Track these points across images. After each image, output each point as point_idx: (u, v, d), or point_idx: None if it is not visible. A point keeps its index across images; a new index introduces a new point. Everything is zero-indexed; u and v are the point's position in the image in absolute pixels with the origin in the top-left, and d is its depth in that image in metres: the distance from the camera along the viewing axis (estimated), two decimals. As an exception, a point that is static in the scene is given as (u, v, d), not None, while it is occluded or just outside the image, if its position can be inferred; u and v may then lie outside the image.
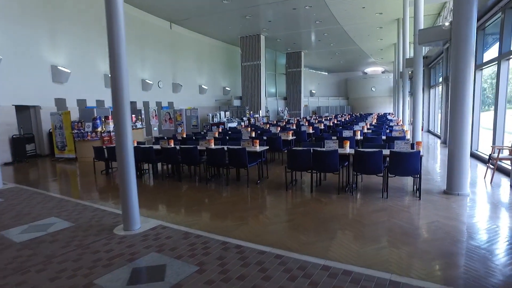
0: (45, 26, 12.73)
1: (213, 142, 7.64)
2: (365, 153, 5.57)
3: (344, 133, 8.57)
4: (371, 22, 20.80)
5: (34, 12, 12.36)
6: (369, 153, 5.53)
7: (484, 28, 9.78)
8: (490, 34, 9.87)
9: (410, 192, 5.88)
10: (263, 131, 11.27)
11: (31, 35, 12.22)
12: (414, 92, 11.54)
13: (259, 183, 6.94)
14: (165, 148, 7.57)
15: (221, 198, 6.01)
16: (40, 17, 12.59)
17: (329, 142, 6.30)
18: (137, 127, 12.08)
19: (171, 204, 5.83)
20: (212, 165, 7.16)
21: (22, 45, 11.91)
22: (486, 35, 9.92)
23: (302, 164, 6.10)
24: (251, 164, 6.80)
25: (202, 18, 19.67)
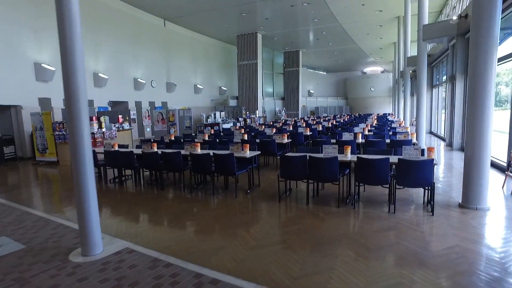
0: (27, 22, 11.92)
1: (199, 147, 6.85)
2: (369, 161, 4.78)
3: (344, 136, 7.79)
4: (371, 20, 20.03)
5: (16, 6, 11.54)
6: (374, 161, 4.74)
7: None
8: (502, 29, 9.11)
9: (420, 205, 5.09)
10: (257, 133, 10.49)
11: (11, 31, 11.40)
12: (418, 92, 10.77)
13: (249, 193, 6.15)
14: (146, 153, 6.77)
15: (204, 211, 5.22)
16: (23, 12, 11.77)
17: (327, 148, 5.51)
18: (124, 129, 11.29)
19: (146, 218, 5.04)
20: (197, 172, 6.37)
21: (2, 41, 11.10)
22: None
23: (297, 173, 5.31)
24: (240, 171, 6.02)
25: (197, 16, 18.88)
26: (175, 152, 6.37)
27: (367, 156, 5.05)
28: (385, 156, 4.88)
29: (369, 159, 4.76)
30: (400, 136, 7.34)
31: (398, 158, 4.67)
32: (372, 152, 5.73)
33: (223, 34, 22.64)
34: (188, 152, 6.53)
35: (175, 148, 7.47)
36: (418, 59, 10.66)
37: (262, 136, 9.25)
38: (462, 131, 10.01)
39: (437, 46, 13.75)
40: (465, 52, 9.61)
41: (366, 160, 4.80)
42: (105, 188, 7.06)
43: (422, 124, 10.87)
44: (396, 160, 4.77)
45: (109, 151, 7.27)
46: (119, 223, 4.80)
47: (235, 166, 5.82)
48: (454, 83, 10.48)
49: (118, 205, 5.78)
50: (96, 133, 10.17)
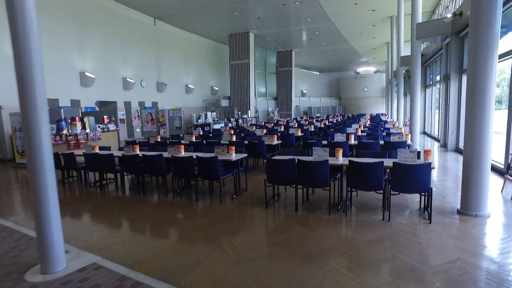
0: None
1: (183, 149, 6.44)
2: (362, 165, 4.42)
3: (336, 137, 7.42)
4: (364, 19, 19.76)
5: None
6: (367, 165, 4.38)
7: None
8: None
9: (416, 211, 4.74)
10: (247, 134, 10.09)
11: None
12: (412, 92, 10.46)
13: (236, 198, 5.76)
14: (126, 155, 6.34)
15: (185, 218, 4.81)
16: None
17: (318, 150, 5.14)
18: (109, 129, 10.81)
19: (121, 227, 4.62)
20: (179, 176, 5.96)
21: (-19, 38, 10.58)
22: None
23: (285, 178, 4.93)
24: (225, 175, 5.62)
25: (188, 15, 18.44)
26: (157, 155, 5.95)
27: (360, 160, 4.69)
28: (379, 160, 4.52)
29: (362, 163, 4.40)
30: (394, 138, 7.00)
31: (393, 162, 4.30)
32: (365, 155, 5.37)
33: (215, 33, 22.21)
34: (172, 155, 6.12)
35: (160, 151, 7.05)
36: (412, 58, 10.36)
37: (252, 138, 8.86)
38: (457, 132, 9.72)
39: (430, 46, 13.49)
40: (459, 51, 9.33)
41: (359, 164, 4.43)
42: (85, 193, 6.62)
43: (416, 125, 10.57)
44: (390, 164, 4.42)
45: (88, 153, 6.83)
46: (91, 233, 4.37)
47: (220, 169, 5.42)
48: (448, 82, 10.20)
49: (94, 211, 5.35)
50: (80, 134, 9.70)
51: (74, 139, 9.61)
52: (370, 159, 5.04)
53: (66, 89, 13.82)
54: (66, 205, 5.74)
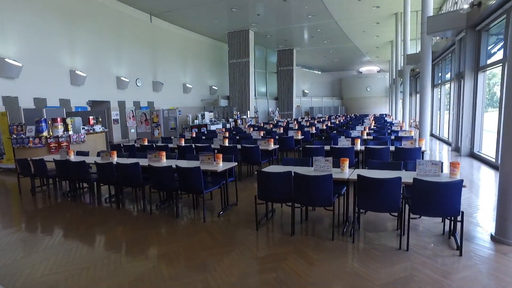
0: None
1: (165, 156, 5.54)
2: (374, 182, 3.51)
3: (340, 141, 6.50)
4: (367, 16, 18.78)
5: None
6: (381, 182, 3.47)
7: (488, 29, 7.86)
8: (495, 35, 7.99)
9: (440, 237, 3.83)
10: (242, 137, 9.20)
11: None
12: (422, 91, 9.52)
13: (222, 214, 4.86)
14: (99, 164, 5.46)
15: (158, 243, 3.91)
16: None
17: (319, 161, 4.23)
18: (95, 131, 9.93)
19: (79, 254, 3.72)
20: (157, 189, 5.07)
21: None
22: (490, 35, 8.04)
23: (279, 194, 4.03)
24: (209, 188, 4.73)
25: (185, 11, 17.55)
26: (132, 164, 5.06)
27: (371, 173, 3.77)
28: (394, 175, 3.61)
29: (375, 180, 3.48)
30: (406, 143, 6.07)
31: (413, 178, 3.38)
32: (375, 166, 4.45)
33: (214, 31, 21.30)
34: (148, 164, 5.22)
35: (141, 157, 6.18)
36: (422, 55, 9.41)
37: (247, 141, 7.96)
38: (472, 135, 8.78)
39: (439, 43, 12.54)
40: (475, 46, 8.38)
41: (370, 181, 3.51)
42: (53, 205, 5.74)
43: (426, 127, 9.63)
44: (409, 180, 3.51)
45: (59, 160, 5.95)
46: (38, 263, 3.48)
47: (203, 182, 4.52)
48: (462, 81, 9.25)
49: (55, 230, 4.46)
50: (61, 137, 8.83)
51: (55, 142, 8.75)
52: (381, 171, 4.13)
53: (55, 88, 12.96)
54: (25, 221, 4.87)
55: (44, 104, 12.48)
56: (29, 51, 11.79)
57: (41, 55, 12.29)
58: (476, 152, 8.72)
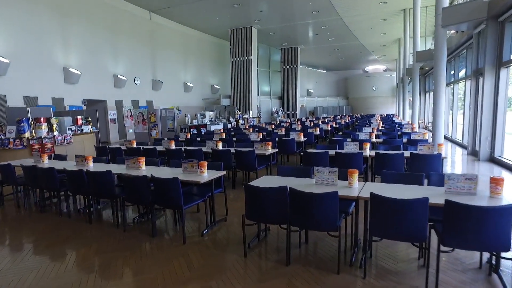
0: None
1: (144, 163, 4.76)
2: (394, 203, 2.67)
3: (347, 146, 5.65)
4: (374, 13, 17.82)
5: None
6: (402, 204, 2.63)
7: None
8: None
9: (475, 271, 2.97)
10: (239, 139, 8.40)
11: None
12: (436, 89, 8.64)
13: (206, 233, 4.06)
14: (68, 171, 4.69)
15: (123, 274, 3.12)
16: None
17: (322, 172, 3.41)
18: (83, 132, 9.19)
19: (28, 278, 2.96)
20: (130, 201, 4.28)
21: None
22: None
23: (272, 214, 3.22)
24: (191, 202, 3.94)
25: (186, 7, 16.76)
26: (104, 173, 4.28)
27: (386, 189, 2.94)
28: (416, 191, 2.78)
29: (394, 201, 2.65)
30: (422, 148, 5.22)
31: (445, 200, 2.54)
32: (390, 177, 3.62)
33: (215, 28, 20.51)
34: (122, 172, 4.44)
35: (121, 162, 5.40)
36: (436, 50, 8.52)
37: (244, 144, 7.14)
38: (492, 137, 7.88)
39: (452, 38, 11.59)
40: (498, 39, 7.47)
41: (388, 202, 2.68)
42: (18, 217, 4.99)
43: (440, 128, 8.75)
44: (437, 200, 2.67)
45: (27, 166, 5.19)
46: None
47: (182, 195, 3.73)
48: (480, 78, 8.35)
49: (8, 249, 3.69)
50: (45, 138, 8.11)
51: (38, 143, 8.02)
52: (398, 186, 3.30)
53: (47, 87, 12.28)
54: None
55: (35, 103, 11.82)
56: (17, 48, 11.09)
57: (31, 51, 11.61)
58: (497, 156, 7.81)
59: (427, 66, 17.86)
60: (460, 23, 7.98)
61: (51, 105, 12.41)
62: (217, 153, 6.16)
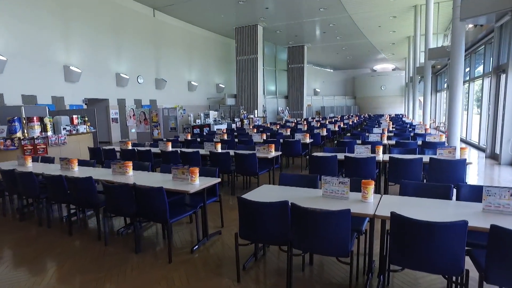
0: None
1: (131, 168, 4.25)
2: (421, 227, 2.10)
3: (357, 149, 5.07)
4: (383, 9, 17.11)
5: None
6: (432, 228, 2.07)
7: None
8: None
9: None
10: (241, 141, 7.86)
11: None
12: (452, 87, 7.99)
13: (196, 249, 3.54)
14: (47, 177, 4.20)
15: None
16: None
17: (331, 183, 2.86)
18: (78, 132, 8.75)
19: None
20: (112, 212, 3.78)
21: None
22: None
23: (269, 234, 2.67)
24: (180, 215, 3.41)
25: (190, 5, 16.28)
26: (84, 179, 3.78)
27: (407, 205, 2.38)
28: (443, 208, 2.21)
29: (421, 224, 2.08)
30: (442, 152, 4.62)
31: (491, 225, 1.97)
32: (412, 190, 3.03)
33: (220, 26, 20.00)
34: (109, 178, 3.94)
35: (109, 166, 4.90)
36: (453, 45, 7.87)
37: (246, 146, 6.60)
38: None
39: (468, 34, 10.88)
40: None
41: (414, 225, 2.11)
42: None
43: (456, 130, 8.10)
44: (475, 221, 2.11)
45: (5, 170, 4.73)
46: None
47: (167, 208, 3.21)
48: (502, 75, 7.68)
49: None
50: (37, 138, 7.68)
51: (30, 143, 7.60)
52: (421, 200, 2.73)
53: (47, 85, 11.91)
54: None
55: (35, 102, 11.45)
56: (15, 44, 10.72)
57: (30, 49, 11.23)
58: (520, 160, 7.15)
59: (439, 65, 17.10)
60: (481, 15, 7.32)
61: (51, 104, 12.04)
62: (215, 156, 5.64)
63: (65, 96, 12.64)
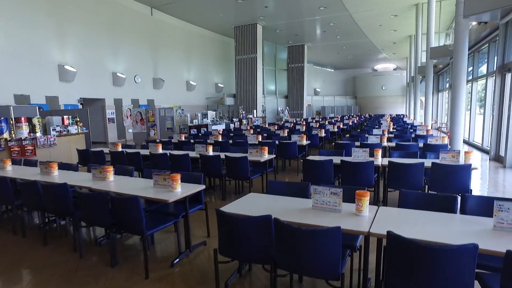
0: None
1: (112, 173, 3.96)
2: (426, 251, 1.79)
3: (355, 153, 4.74)
4: (385, 8, 16.75)
5: None
6: (435, 252, 1.76)
7: None
8: None
9: None
10: (235, 142, 7.56)
11: None
12: (455, 87, 7.66)
13: (177, 263, 3.24)
14: (21, 183, 3.92)
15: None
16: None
17: (322, 193, 2.55)
18: (69, 132, 8.46)
19: None
20: (88, 223, 3.49)
21: None
22: None
23: (251, 251, 2.37)
24: (158, 226, 3.11)
25: (189, 3, 15.98)
26: (60, 185, 3.49)
27: (410, 225, 2.07)
28: (458, 232, 1.90)
29: (425, 247, 1.77)
30: (445, 156, 4.30)
31: (507, 251, 1.66)
32: (412, 200, 2.72)
33: (219, 25, 19.70)
34: (88, 185, 3.65)
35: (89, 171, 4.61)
36: (456, 42, 7.54)
37: (239, 148, 6.30)
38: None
39: (471, 32, 10.54)
40: (530, 29, 6.48)
41: (414, 247, 1.80)
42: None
43: (459, 131, 7.77)
44: (486, 243, 1.80)
45: (-19, 174, 4.44)
46: None
47: (143, 218, 2.91)
48: (507, 74, 7.35)
49: None
50: (25, 140, 7.40)
51: (18, 145, 7.32)
52: (424, 214, 2.42)
53: (41, 84, 11.65)
54: None
55: (28, 101, 11.19)
56: (7, 43, 10.46)
57: (23, 47, 10.96)
58: (527, 163, 6.82)
59: (440, 64, 16.74)
60: (486, 12, 6.97)
61: (45, 104, 11.79)
62: (205, 160, 5.33)
63: (59, 95, 12.38)
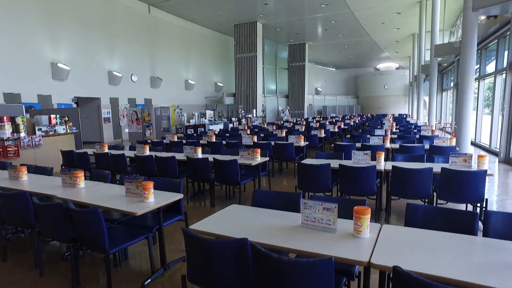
0: None
1: (82, 179, 3.52)
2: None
3: (355, 156, 4.28)
4: (387, 5, 16.24)
5: None
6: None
7: None
8: None
9: None
10: (229, 144, 7.11)
11: None
12: (462, 85, 7.18)
13: (148, 284, 2.79)
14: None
15: None
16: None
17: (313, 208, 2.10)
18: (57, 132, 8.05)
19: None
20: (47, 236, 3.06)
21: None
22: None
23: (224, 281, 1.92)
24: (125, 243, 2.67)
25: (187, 0, 15.54)
26: (16, 194, 3.06)
27: (420, 253, 1.62)
28: (482, 264, 1.44)
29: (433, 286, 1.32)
30: (456, 161, 3.84)
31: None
32: (422, 217, 2.27)
33: (219, 23, 19.26)
34: (58, 192, 3.21)
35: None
36: (464, 37, 7.06)
37: (231, 150, 5.84)
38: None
39: (479, 27, 10.04)
40: (545, 23, 5.99)
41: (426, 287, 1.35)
42: None
43: (466, 131, 7.30)
44: None
45: None
46: None
47: (106, 234, 2.47)
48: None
49: None
50: (7, 140, 7.00)
51: (0, 146, 6.92)
52: (437, 234, 1.96)
53: (33, 83, 11.26)
54: None
55: (18, 100, 10.80)
56: (3, 42, 10.08)
57: (13, 44, 10.57)
58: (540, 166, 6.33)
59: (445, 63, 16.24)
60: (496, 4, 6.49)
61: (37, 103, 11.40)
62: (192, 163, 4.89)
63: (52, 94, 11.99)
